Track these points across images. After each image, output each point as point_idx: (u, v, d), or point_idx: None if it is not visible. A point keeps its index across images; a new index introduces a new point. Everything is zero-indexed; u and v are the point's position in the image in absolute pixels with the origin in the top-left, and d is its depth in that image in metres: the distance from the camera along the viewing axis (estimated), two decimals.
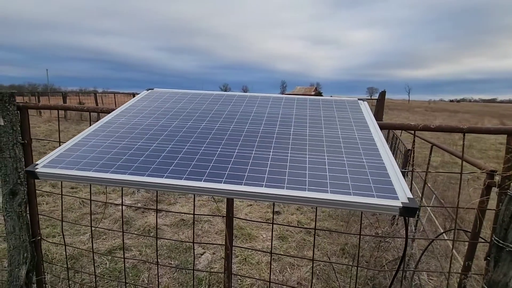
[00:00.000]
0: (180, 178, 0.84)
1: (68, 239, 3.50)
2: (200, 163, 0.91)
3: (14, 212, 1.72)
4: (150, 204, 4.79)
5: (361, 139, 1.02)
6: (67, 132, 10.65)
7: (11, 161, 1.70)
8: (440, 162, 8.07)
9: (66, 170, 0.88)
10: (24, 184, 1.76)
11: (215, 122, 1.17)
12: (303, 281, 2.82)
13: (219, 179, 0.83)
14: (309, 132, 1.08)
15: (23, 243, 1.76)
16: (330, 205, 0.76)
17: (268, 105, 1.33)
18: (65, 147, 1.00)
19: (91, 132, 1.10)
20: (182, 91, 1.51)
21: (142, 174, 0.86)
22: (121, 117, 1.22)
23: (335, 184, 0.80)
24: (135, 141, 1.03)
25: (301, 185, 0.81)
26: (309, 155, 0.94)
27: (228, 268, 1.64)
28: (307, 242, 3.60)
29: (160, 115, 1.23)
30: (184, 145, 1.00)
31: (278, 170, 0.87)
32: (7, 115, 1.66)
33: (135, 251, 3.29)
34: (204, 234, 3.78)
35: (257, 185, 0.81)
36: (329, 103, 1.33)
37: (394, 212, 0.73)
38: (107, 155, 0.95)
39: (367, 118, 1.18)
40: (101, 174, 0.86)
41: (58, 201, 4.50)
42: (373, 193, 0.77)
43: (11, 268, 1.74)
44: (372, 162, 0.90)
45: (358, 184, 0.80)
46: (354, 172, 0.85)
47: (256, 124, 1.15)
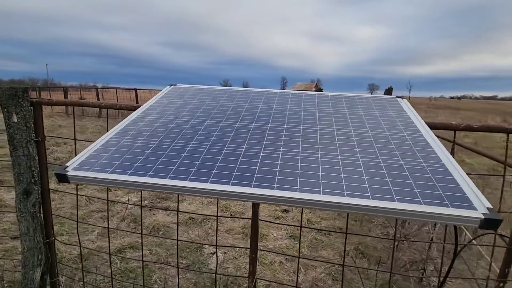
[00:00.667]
0: (227, 183, 0.76)
1: (76, 237, 3.44)
2: (245, 166, 0.83)
3: (28, 212, 1.65)
4: (157, 201, 4.73)
5: (413, 140, 0.95)
6: (70, 127, 10.55)
7: (24, 159, 1.62)
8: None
9: (99, 174, 0.80)
10: (38, 183, 1.69)
11: (250, 120, 1.09)
12: (319, 282, 2.77)
13: (271, 185, 0.76)
14: (354, 132, 1.00)
15: (37, 245, 1.69)
16: (400, 215, 0.68)
17: (301, 102, 1.25)
18: (94, 148, 0.92)
19: (119, 131, 1.02)
20: (208, 87, 1.42)
21: (184, 178, 0.78)
22: (148, 115, 1.14)
23: (400, 192, 0.73)
24: (168, 141, 0.95)
25: (362, 192, 0.73)
26: (361, 158, 0.86)
27: (253, 273, 1.58)
28: (319, 242, 3.54)
29: (189, 112, 1.15)
30: (222, 145, 0.93)
31: (332, 174, 0.80)
32: (20, 111, 1.58)
33: (145, 250, 3.23)
34: (214, 233, 3.72)
35: (313, 192, 0.74)
36: (366, 101, 1.25)
37: (473, 224, 0.66)
38: (142, 157, 0.87)
39: (412, 118, 1.10)
40: (139, 178, 0.78)
41: (64, 198, 4.43)
42: (446, 202, 0.69)
43: (25, 271, 1.68)
44: (433, 166, 0.82)
45: (426, 192, 0.72)
46: (417, 178, 0.78)
47: (294, 123, 1.07)
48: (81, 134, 9.61)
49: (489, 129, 1.31)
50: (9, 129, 1.59)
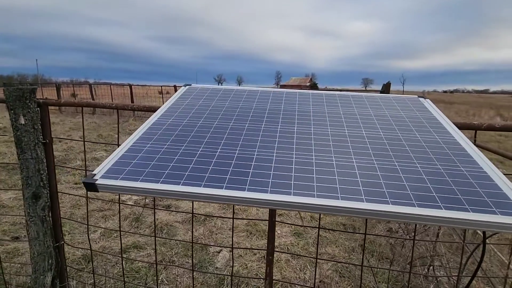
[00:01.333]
0: (265, 191, 0.74)
1: (78, 237, 3.39)
2: (279, 172, 0.81)
3: (37, 216, 1.61)
4: (157, 199, 4.68)
5: (445, 143, 0.93)
6: (63, 124, 10.37)
7: (33, 162, 1.57)
8: None
9: (130, 182, 0.77)
10: (47, 187, 1.64)
11: (275, 122, 1.06)
12: (326, 279, 2.78)
13: (311, 193, 0.74)
14: (384, 135, 0.98)
15: (47, 249, 1.65)
16: (445, 223, 0.67)
17: (323, 103, 1.23)
18: (119, 154, 0.88)
19: (142, 136, 0.98)
20: (223, 87, 1.39)
21: (220, 186, 0.76)
22: (168, 118, 1.10)
23: (444, 198, 0.71)
24: (195, 146, 0.92)
25: (405, 199, 0.71)
26: (397, 162, 0.84)
27: (270, 275, 1.56)
28: (323, 239, 3.56)
29: (210, 115, 1.12)
30: (253, 150, 0.90)
31: (372, 181, 0.78)
32: (27, 113, 1.53)
33: (149, 249, 3.20)
34: (218, 231, 3.70)
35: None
36: (388, 101, 1.24)
37: None
38: (171, 163, 0.84)
39: (439, 119, 1.09)
40: (173, 187, 0.75)
41: (63, 198, 4.35)
42: (493, 209, 0.68)
43: (36, 276, 1.64)
44: (472, 171, 0.81)
45: (470, 198, 0.71)
46: (459, 183, 0.76)
47: (320, 125, 1.04)
48: (76, 131, 9.44)
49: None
50: (16, 131, 1.53)
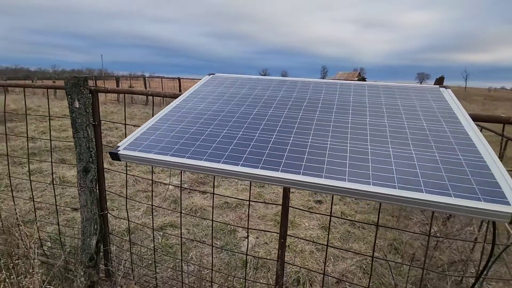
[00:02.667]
0: (257, 167, 0.82)
1: (125, 213, 3.81)
2: (274, 152, 0.88)
3: (87, 187, 1.89)
4: (195, 185, 5.01)
5: (452, 133, 0.91)
6: (120, 113, 11.45)
7: (84, 141, 1.84)
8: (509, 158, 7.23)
9: (145, 154, 0.91)
10: (95, 162, 1.91)
11: (282, 109, 1.12)
12: (348, 274, 2.76)
13: (298, 170, 0.80)
14: (388, 123, 0.99)
15: (93, 216, 1.93)
16: (427, 206, 0.68)
17: (336, 92, 1.25)
18: (141, 131, 1.04)
19: (163, 117, 1.13)
20: (244, 76, 1.48)
21: (217, 161, 0.86)
22: (188, 102, 1.23)
23: (429, 183, 0.72)
24: (205, 126, 1.03)
25: (388, 181, 0.74)
26: (392, 149, 0.85)
27: (282, 257, 1.64)
28: (351, 234, 3.49)
29: (225, 100, 1.22)
30: (254, 132, 0.98)
31: (360, 163, 0.81)
32: (81, 98, 1.79)
33: (183, 229, 3.48)
34: (247, 218, 3.85)
35: (339, 179, 0.76)
36: (405, 91, 1.21)
37: (504, 220, 0.64)
38: (181, 140, 0.96)
39: (455, 109, 1.04)
40: (178, 159, 0.87)
41: (115, 178, 4.89)
42: (478, 195, 0.67)
43: (83, 238, 1.93)
44: (470, 159, 0.79)
45: (458, 185, 0.71)
46: (450, 170, 0.76)
47: (326, 112, 1.08)
48: (130, 120, 10.40)
49: None
50: (72, 113, 1.81)
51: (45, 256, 2.43)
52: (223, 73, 1.60)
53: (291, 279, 2.60)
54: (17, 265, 2.08)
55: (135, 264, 2.28)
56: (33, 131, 7.99)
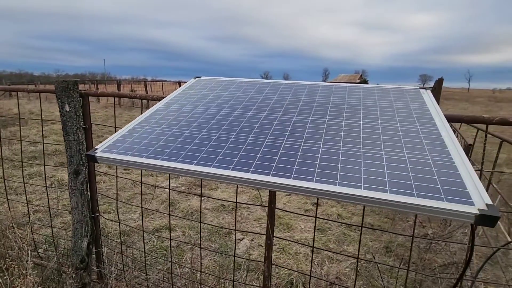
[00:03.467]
0: (228, 168, 0.83)
1: (121, 216, 3.83)
2: (247, 153, 0.89)
3: (77, 190, 1.91)
4: (193, 188, 5.02)
5: (424, 133, 0.91)
6: (121, 117, 11.54)
7: (75, 144, 1.87)
8: (506, 160, 7.17)
9: (121, 156, 0.92)
10: (85, 165, 1.93)
11: (262, 111, 1.13)
12: (342, 276, 2.75)
13: (267, 171, 0.81)
14: (363, 123, 0.99)
15: (84, 218, 1.95)
16: (390, 206, 0.69)
17: (317, 93, 1.26)
18: (121, 133, 1.05)
19: (143, 119, 1.14)
20: (229, 79, 1.50)
21: (190, 162, 0.87)
22: (171, 105, 1.25)
23: (395, 183, 0.72)
24: (183, 129, 1.05)
25: (356, 182, 0.74)
26: (364, 150, 0.86)
27: (269, 258, 1.64)
28: (347, 237, 3.48)
29: (207, 103, 1.24)
30: (231, 134, 0.99)
31: (329, 164, 0.82)
32: (71, 102, 1.82)
33: (179, 231, 3.49)
34: (243, 221, 3.86)
35: (306, 180, 0.77)
36: (385, 92, 1.22)
37: (468, 220, 0.64)
38: (158, 142, 0.98)
39: (431, 110, 1.05)
40: (152, 161, 0.89)
41: (113, 181, 4.93)
42: (441, 196, 0.68)
43: (74, 240, 1.95)
44: (439, 159, 0.79)
45: (423, 185, 0.71)
46: (417, 171, 0.76)
47: (304, 114, 1.09)
48: None
49: None
50: (63, 117, 1.83)
51: (39, 258, 2.45)
52: (209, 76, 1.61)
53: (283, 281, 2.59)
54: (10, 266, 2.10)
55: (127, 267, 2.29)
56: (35, 134, 8.07)
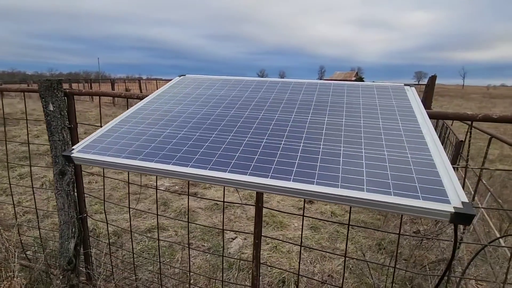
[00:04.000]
0: (205, 168, 0.81)
1: (113, 216, 3.79)
2: (226, 152, 0.88)
3: (63, 190, 1.88)
4: (186, 187, 4.99)
5: (406, 131, 0.90)
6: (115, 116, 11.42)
7: (60, 144, 1.83)
8: (498, 156, 7.24)
9: (98, 156, 0.90)
10: (71, 165, 1.90)
11: (244, 109, 1.12)
12: (335, 274, 2.75)
13: (245, 171, 0.79)
14: (345, 121, 0.98)
15: (71, 219, 1.92)
16: (365, 205, 0.67)
17: (301, 91, 1.24)
18: (99, 133, 1.03)
19: (124, 119, 1.12)
20: (213, 77, 1.48)
21: (168, 162, 0.85)
22: (152, 104, 1.23)
23: (372, 182, 0.71)
24: (163, 128, 1.03)
25: (333, 181, 0.73)
26: (344, 148, 0.85)
27: (257, 257, 1.63)
28: (340, 234, 3.49)
29: (190, 102, 1.22)
30: (211, 133, 0.97)
31: (308, 163, 0.80)
32: (55, 101, 1.78)
33: (171, 231, 3.47)
34: (236, 219, 3.85)
35: (284, 179, 0.75)
36: (370, 90, 1.20)
37: (444, 218, 0.63)
38: (137, 142, 0.96)
39: (414, 107, 1.04)
40: (129, 161, 0.86)
41: (106, 181, 4.88)
42: (418, 194, 0.67)
43: (61, 241, 1.92)
44: (418, 157, 0.78)
45: (400, 183, 0.70)
46: (395, 169, 0.75)
47: (287, 112, 1.07)
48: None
49: (510, 120, 1.19)
50: (47, 116, 1.80)
51: (27, 260, 2.41)
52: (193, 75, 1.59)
53: (276, 280, 2.59)
54: None
55: (117, 268, 2.27)
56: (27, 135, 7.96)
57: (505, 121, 1.18)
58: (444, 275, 1.03)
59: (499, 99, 34.38)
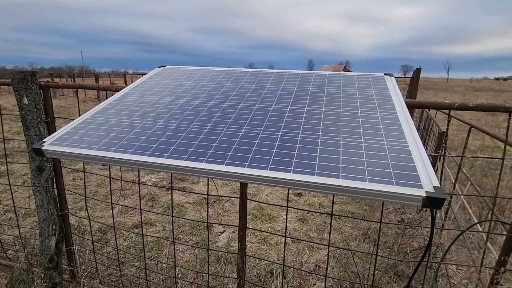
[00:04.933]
0: (181, 158, 0.80)
1: (99, 213, 3.72)
2: (204, 143, 0.86)
3: (41, 187, 1.82)
4: (174, 182, 4.95)
5: (383, 119, 0.90)
6: None
7: (36, 139, 1.77)
8: (479, 146, 7.46)
9: (70, 148, 0.87)
10: (50, 161, 1.84)
11: (224, 100, 1.10)
12: (322, 264, 2.79)
13: (222, 161, 0.78)
14: (325, 110, 0.97)
15: (51, 216, 1.87)
16: (341, 192, 0.67)
17: (282, 82, 1.23)
18: (72, 125, 0.99)
19: (99, 110, 1.08)
20: (194, 68, 1.44)
21: (143, 153, 0.83)
22: (130, 95, 1.19)
23: (348, 169, 0.71)
24: (140, 119, 1.00)
25: (310, 169, 0.73)
26: (322, 136, 0.84)
27: (242, 249, 1.63)
28: (327, 225, 3.53)
29: (168, 92, 1.19)
30: (189, 124, 0.95)
31: (286, 152, 0.79)
32: (30, 94, 1.71)
33: (159, 226, 3.43)
34: (225, 213, 3.84)
35: (262, 168, 0.75)
36: (350, 79, 1.20)
37: (416, 203, 0.64)
38: (111, 134, 0.93)
39: (393, 96, 1.04)
40: (102, 153, 0.84)
41: (91, 177, 4.78)
42: (392, 180, 0.67)
43: (42, 239, 1.87)
44: (394, 145, 0.79)
45: (375, 170, 0.70)
46: (371, 156, 0.75)
47: (267, 102, 1.06)
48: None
49: (487, 109, 1.21)
50: (21, 110, 1.73)
51: (7, 259, 2.34)
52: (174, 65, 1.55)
53: (264, 271, 2.61)
54: None
55: (101, 264, 2.23)
56: (7, 131, 7.70)
57: (480, 110, 1.21)
58: (422, 260, 1.05)
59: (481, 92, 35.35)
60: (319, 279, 2.51)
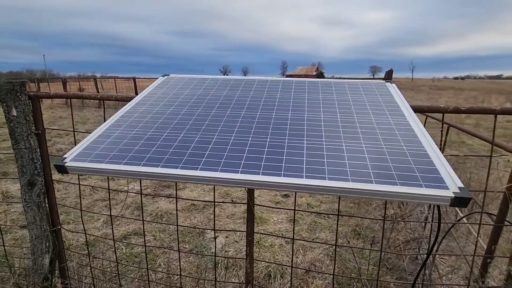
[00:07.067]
0: (216, 170, 0.81)
1: (82, 225, 3.55)
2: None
3: (33, 202, 1.72)
4: (159, 189, 4.83)
5: (396, 125, 0.98)
6: (71, 118, 10.59)
7: (27, 152, 1.68)
8: (447, 142, 8.00)
9: (96, 164, 0.85)
10: (41, 175, 1.75)
11: (240, 109, 1.12)
12: (317, 263, 2.87)
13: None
14: (341, 118, 1.03)
15: (44, 233, 1.77)
16: (377, 196, 0.73)
17: (291, 90, 1.28)
18: (91, 139, 0.96)
19: (114, 123, 1.06)
20: (200, 76, 1.45)
21: (175, 166, 0.83)
22: (141, 106, 1.18)
23: (378, 174, 0.77)
24: (160, 131, 0.99)
25: (342, 175, 0.77)
26: (345, 143, 0.90)
27: (250, 254, 1.65)
28: (318, 225, 3.64)
29: (180, 103, 1.19)
30: (213, 135, 0.97)
31: (316, 160, 0.84)
32: (19, 105, 1.62)
33: (149, 236, 3.34)
34: (215, 219, 3.82)
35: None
36: (355, 86, 1.28)
37: (445, 203, 0.70)
38: (135, 147, 0.92)
39: (398, 102, 1.13)
40: (133, 168, 0.83)
41: (68, 189, 4.53)
42: (420, 182, 0.73)
43: (34, 257, 1.77)
44: (413, 149, 0.86)
45: (402, 174, 0.77)
46: (396, 161, 0.82)
47: (282, 110, 1.10)
48: (82, 124, 9.67)
49: (477, 111, 1.33)
50: (10, 123, 1.63)
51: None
52: (181, 73, 1.55)
53: (262, 274, 2.64)
54: None
55: (96, 279, 2.14)
56: None
57: (471, 113, 1.33)
58: (430, 252, 1.14)
59: (444, 90, 37.93)
60: (320, 278, 2.58)
